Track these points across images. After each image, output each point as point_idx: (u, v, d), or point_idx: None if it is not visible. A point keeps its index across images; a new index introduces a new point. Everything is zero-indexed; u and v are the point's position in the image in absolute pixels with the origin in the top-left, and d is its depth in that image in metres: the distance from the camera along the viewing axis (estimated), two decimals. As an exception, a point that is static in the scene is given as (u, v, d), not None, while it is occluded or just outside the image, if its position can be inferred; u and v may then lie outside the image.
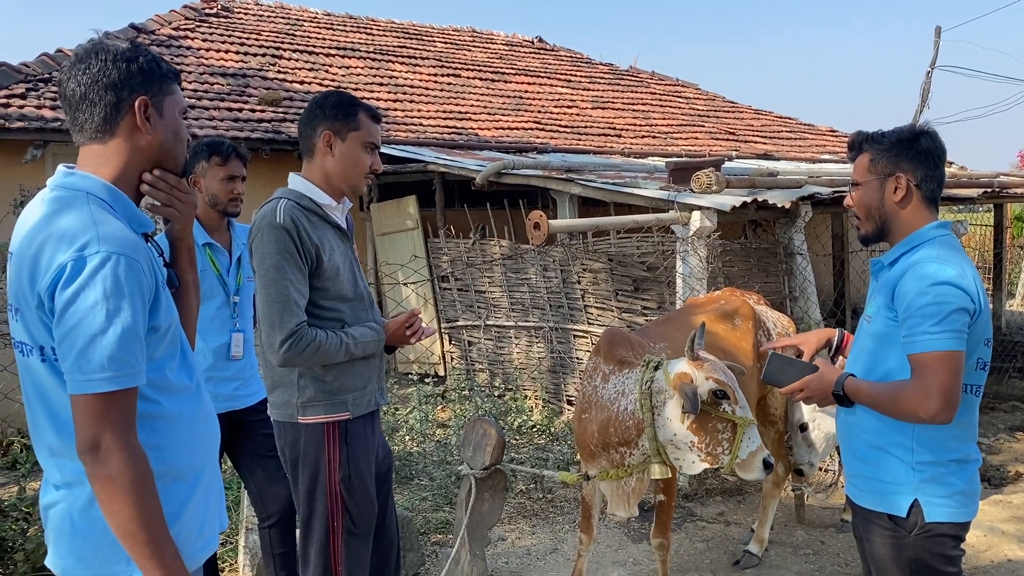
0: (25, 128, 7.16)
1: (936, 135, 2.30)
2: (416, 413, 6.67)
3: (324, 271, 2.61)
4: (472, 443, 4.02)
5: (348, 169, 2.68)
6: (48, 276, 1.60)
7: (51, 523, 1.76)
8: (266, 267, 2.54)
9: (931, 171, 2.26)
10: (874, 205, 2.31)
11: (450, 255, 8.43)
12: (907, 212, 2.28)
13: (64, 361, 1.60)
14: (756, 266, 6.86)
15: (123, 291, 1.61)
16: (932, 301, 2.10)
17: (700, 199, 5.74)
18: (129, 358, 1.61)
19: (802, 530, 4.77)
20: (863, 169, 2.34)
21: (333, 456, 2.66)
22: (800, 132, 14.73)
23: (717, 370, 3.13)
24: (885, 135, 2.32)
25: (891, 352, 2.23)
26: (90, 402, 1.59)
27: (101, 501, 1.62)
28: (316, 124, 2.67)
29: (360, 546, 2.76)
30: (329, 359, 2.60)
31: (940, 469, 2.20)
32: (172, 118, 1.82)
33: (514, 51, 14.73)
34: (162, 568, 1.63)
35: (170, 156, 1.83)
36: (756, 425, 3.11)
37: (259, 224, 2.59)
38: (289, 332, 2.52)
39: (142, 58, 1.77)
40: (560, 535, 4.78)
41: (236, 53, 10.61)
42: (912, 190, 2.27)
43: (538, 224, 5.13)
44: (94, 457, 1.60)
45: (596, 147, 10.97)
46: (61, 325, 1.59)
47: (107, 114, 1.74)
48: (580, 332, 7.26)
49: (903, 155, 2.26)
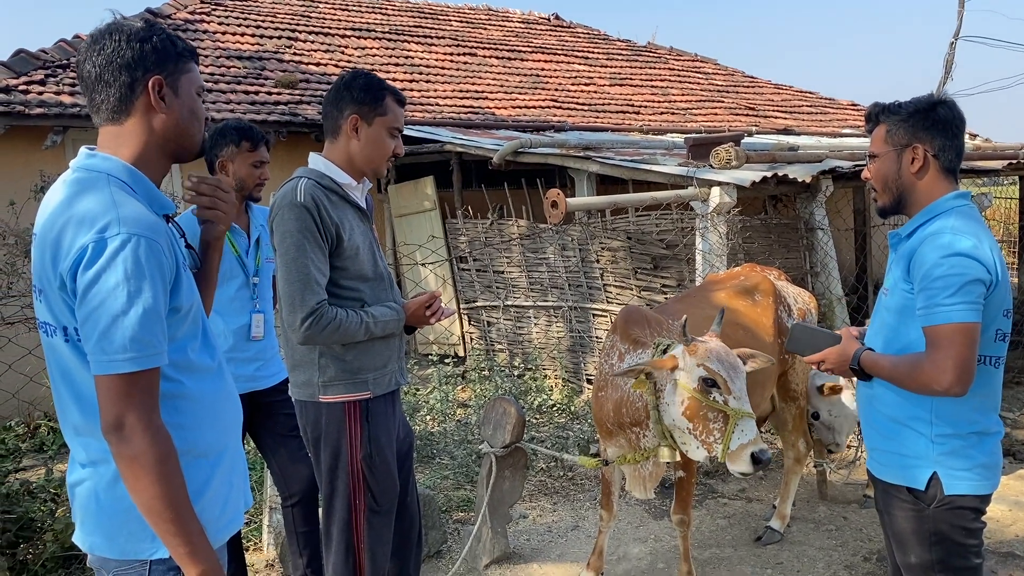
0: (44, 114, 7.21)
1: (954, 104, 2.26)
2: (437, 393, 6.70)
3: (344, 250, 2.62)
4: (492, 422, 4.04)
5: (372, 153, 2.69)
6: (70, 258, 1.61)
7: (78, 501, 1.78)
8: (287, 245, 2.55)
9: (949, 141, 2.23)
10: (891, 177, 2.28)
11: (468, 235, 8.42)
12: (924, 183, 2.25)
13: (87, 342, 1.62)
14: (777, 242, 6.81)
15: (144, 272, 1.62)
16: (947, 272, 2.07)
17: (719, 175, 5.69)
18: (151, 338, 1.62)
19: (824, 506, 4.76)
20: (880, 140, 2.31)
21: (354, 435, 2.68)
22: (821, 106, 14.55)
23: (711, 357, 3.07)
24: (902, 106, 2.28)
25: (910, 325, 2.21)
26: (113, 382, 1.61)
27: (126, 480, 1.64)
28: (343, 106, 2.66)
29: (382, 524, 2.78)
30: (349, 338, 2.61)
31: (959, 442, 2.19)
32: (188, 97, 1.81)
33: (530, 29, 14.62)
34: (187, 545, 1.65)
35: (186, 135, 1.82)
36: (752, 418, 3.03)
37: (279, 203, 2.60)
38: (310, 310, 2.52)
39: (156, 37, 1.76)
40: (581, 512, 4.79)
41: (252, 36, 10.61)
42: (929, 160, 2.23)
43: (555, 202, 5.11)
44: (118, 437, 1.61)
45: (614, 124, 10.89)
46: (83, 306, 1.61)
47: (122, 95, 1.74)
48: (599, 311, 7.24)
49: (920, 125, 2.23)
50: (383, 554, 2.80)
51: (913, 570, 2.28)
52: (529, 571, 4.08)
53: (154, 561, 1.73)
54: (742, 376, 3.09)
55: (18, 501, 3.69)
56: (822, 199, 6.48)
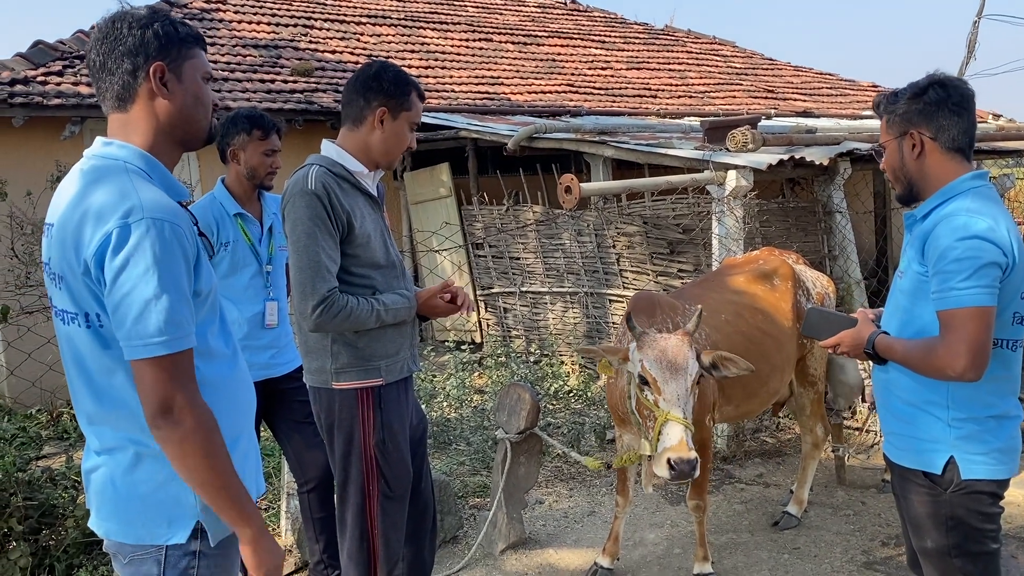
0: (63, 105, 7.27)
1: (947, 83, 2.20)
2: (453, 379, 6.71)
3: (355, 238, 2.62)
4: (507, 408, 4.04)
5: (392, 146, 2.71)
6: (94, 244, 1.61)
7: (93, 487, 1.80)
8: (298, 233, 2.56)
9: (946, 120, 2.18)
10: (897, 166, 2.27)
11: (484, 222, 8.41)
12: (930, 167, 2.22)
13: (120, 329, 1.62)
14: (794, 225, 6.75)
15: (171, 256, 1.63)
16: (962, 255, 2.04)
17: (736, 158, 5.64)
18: (183, 320, 1.64)
19: (842, 491, 4.73)
20: (884, 131, 2.31)
21: (367, 421, 2.69)
22: (841, 88, 14.38)
23: (648, 355, 3.03)
24: (898, 94, 2.26)
25: (924, 308, 2.18)
26: (154, 366, 1.62)
27: (177, 460, 1.67)
28: (371, 97, 2.67)
29: (396, 510, 2.79)
30: (360, 325, 2.61)
31: (976, 426, 2.16)
32: (192, 83, 1.81)
33: (546, 13, 14.53)
34: (241, 509, 1.71)
35: (191, 121, 1.82)
36: (679, 423, 2.95)
37: (291, 191, 2.61)
38: (321, 297, 2.53)
39: (158, 23, 1.76)
40: (597, 498, 4.79)
41: (268, 24, 10.61)
42: (927, 144, 2.20)
43: (569, 188, 5.09)
44: (168, 420, 1.63)
45: (631, 109, 10.82)
46: (114, 294, 1.61)
47: (125, 82, 1.75)
48: (615, 296, 7.22)
49: (913, 110, 2.21)
50: (397, 540, 2.82)
51: (930, 555, 2.27)
52: (545, 556, 4.09)
53: (170, 546, 1.74)
54: (680, 379, 3.01)
55: (40, 488, 3.73)
56: (840, 182, 6.42)
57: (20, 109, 7.15)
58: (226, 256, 3.34)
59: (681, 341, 3.08)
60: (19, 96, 7.13)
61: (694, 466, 2.92)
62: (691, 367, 3.05)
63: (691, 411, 3.05)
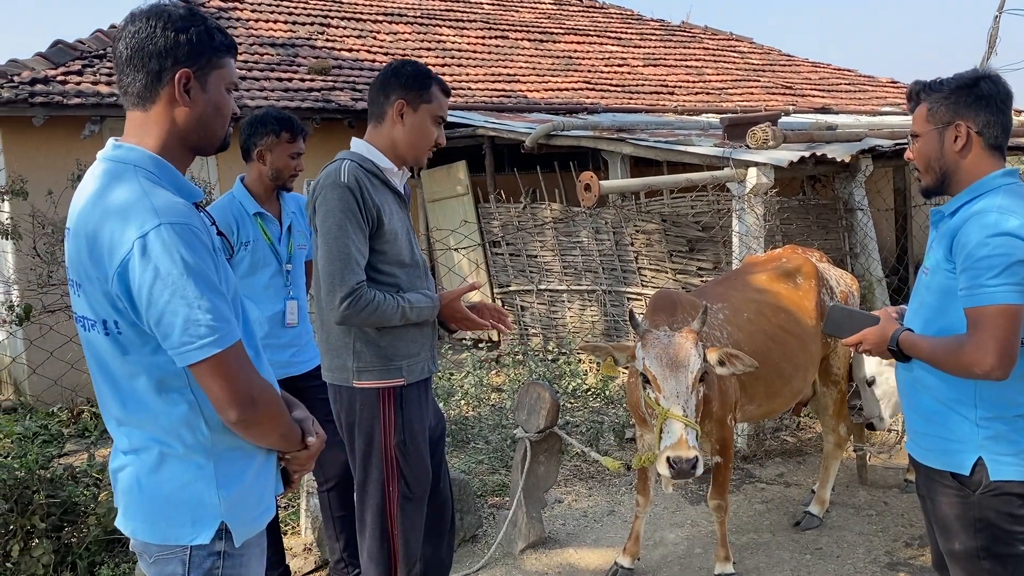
0: (82, 104, 7.30)
1: (999, 79, 2.18)
2: (471, 378, 6.70)
3: (384, 234, 2.62)
4: (526, 407, 4.02)
5: (416, 140, 2.71)
6: (117, 255, 1.60)
7: (120, 486, 1.80)
8: (328, 225, 2.55)
9: (993, 116, 2.15)
10: (934, 156, 2.22)
11: (501, 219, 8.39)
12: (969, 161, 2.18)
13: (169, 338, 1.61)
14: (815, 223, 6.70)
15: (198, 255, 1.62)
16: (992, 252, 2.01)
17: (756, 155, 5.60)
18: (227, 315, 1.65)
19: (865, 491, 4.68)
20: (921, 119, 2.24)
21: (388, 421, 2.68)
22: (860, 84, 14.26)
23: (649, 353, 3.04)
24: (944, 82, 2.21)
25: (951, 306, 2.15)
26: (214, 366, 1.63)
27: (258, 440, 1.77)
28: (390, 91, 2.68)
29: (415, 510, 2.79)
30: (385, 321, 2.61)
31: (1004, 425, 2.13)
32: (216, 93, 1.78)
33: (563, 10, 14.49)
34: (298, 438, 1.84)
35: (208, 130, 1.79)
36: (680, 421, 2.95)
37: (323, 183, 2.61)
38: (350, 289, 2.53)
39: (194, 28, 1.72)
40: (617, 497, 4.77)
41: (284, 23, 10.63)
42: (973, 138, 2.16)
43: (589, 185, 5.06)
44: (244, 413, 1.66)
45: (648, 106, 10.77)
46: (152, 308, 1.60)
47: (148, 81, 1.72)
48: (634, 295, 7.19)
49: (962, 102, 2.16)
50: (416, 540, 2.82)
51: (958, 557, 2.23)
52: (565, 556, 4.07)
53: (195, 547, 1.74)
54: (680, 377, 3.00)
55: (62, 486, 3.75)
56: (861, 179, 6.36)
57: (40, 108, 7.19)
58: (246, 255, 3.35)
59: (684, 339, 3.07)
60: (39, 96, 7.17)
61: (694, 464, 2.91)
62: (693, 364, 3.03)
63: (693, 409, 3.03)
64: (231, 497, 1.75)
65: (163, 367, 1.67)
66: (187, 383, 1.69)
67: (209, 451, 1.73)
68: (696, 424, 3.03)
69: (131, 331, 1.66)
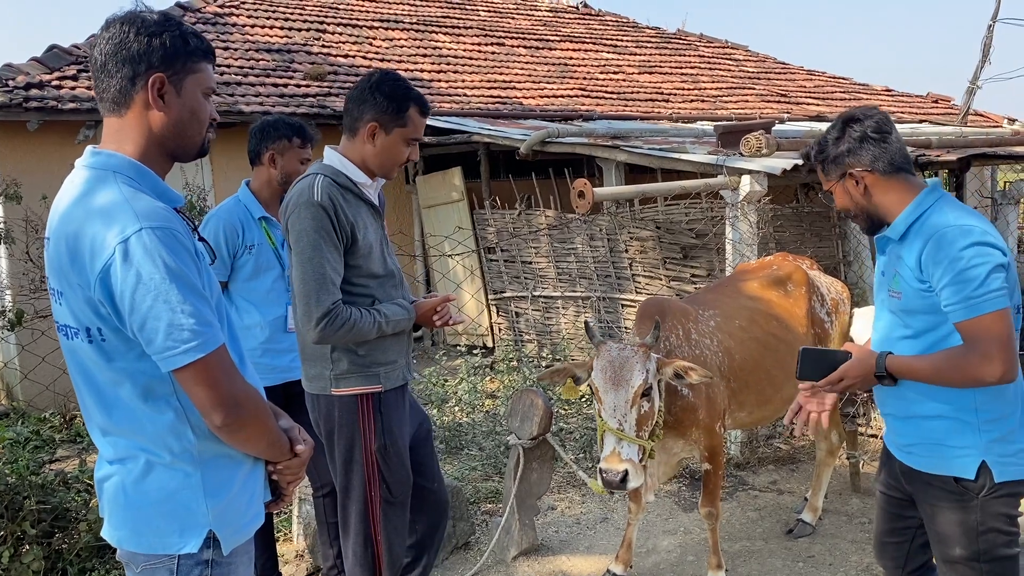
0: (77, 109, 7.30)
1: (859, 116, 2.28)
2: (465, 384, 6.70)
3: (358, 249, 2.63)
4: (519, 413, 4.03)
5: (385, 160, 2.71)
6: (99, 260, 1.59)
7: (106, 496, 1.79)
8: (302, 245, 2.56)
9: (874, 150, 2.24)
10: (852, 205, 2.34)
11: (496, 226, 8.40)
12: (879, 197, 2.27)
13: (151, 344, 1.61)
14: (808, 231, 6.72)
15: (179, 259, 1.62)
16: (968, 264, 2.06)
17: (750, 163, 5.61)
18: (210, 319, 1.65)
19: (857, 498, 4.69)
20: (824, 179, 2.37)
21: (368, 426, 2.71)
22: (855, 92, 14.31)
23: (596, 366, 3.09)
24: (821, 142, 2.34)
25: (932, 323, 2.18)
26: (198, 371, 1.62)
27: (242, 446, 1.76)
28: (365, 109, 2.66)
29: (397, 515, 2.81)
30: (362, 337, 2.64)
31: (1006, 426, 2.16)
32: (191, 98, 1.76)
33: (558, 17, 14.53)
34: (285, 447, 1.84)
35: (184, 136, 1.77)
36: (616, 436, 3.01)
37: (296, 200, 2.61)
38: (325, 310, 2.54)
39: (168, 33, 1.71)
40: (610, 504, 4.77)
41: (281, 28, 10.65)
42: (867, 177, 2.26)
43: (583, 192, 5.07)
44: (227, 417, 1.66)
45: (643, 113, 10.80)
46: (136, 311, 1.59)
47: (122, 87, 1.71)
48: (628, 301, 7.20)
49: (841, 152, 2.28)
50: (400, 543, 2.85)
51: (956, 563, 2.24)
52: (557, 563, 4.07)
53: (182, 556, 1.73)
54: (620, 392, 3.03)
55: (53, 492, 3.73)
56: (855, 187, 6.37)
57: (35, 113, 7.19)
58: (250, 259, 3.36)
59: (632, 353, 3.09)
60: (34, 100, 7.17)
61: (623, 477, 2.98)
62: (634, 380, 3.05)
63: (633, 424, 3.06)
64: (219, 505, 1.74)
65: (148, 374, 1.67)
66: (173, 390, 1.69)
67: (196, 459, 1.72)
68: (636, 438, 3.05)
69: (115, 337, 1.65)
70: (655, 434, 3.19)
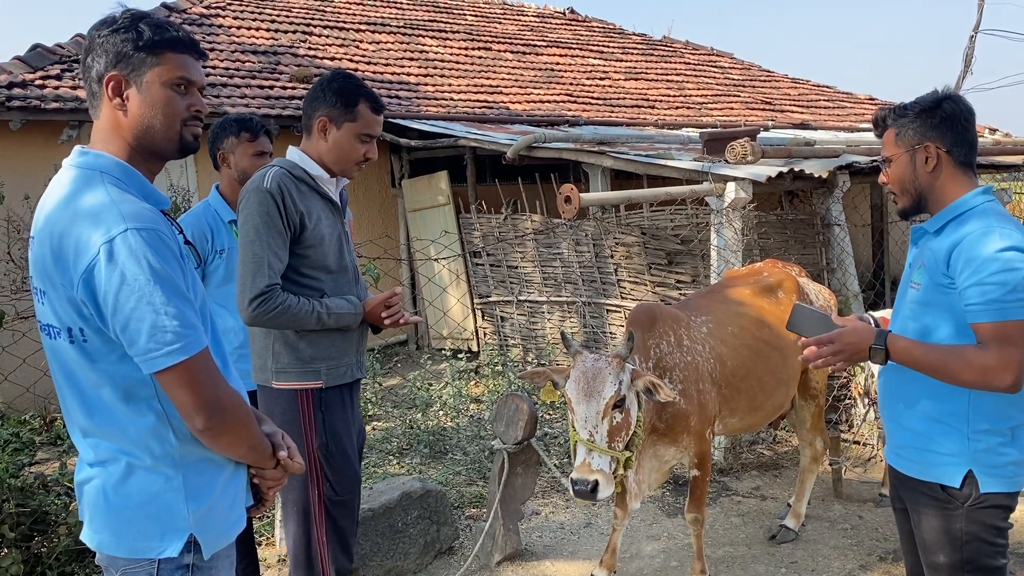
0: (60, 109, 7.23)
1: (959, 98, 2.23)
2: (449, 388, 6.68)
3: (307, 238, 2.64)
4: (504, 418, 4.02)
5: (339, 156, 2.72)
6: (83, 260, 1.58)
7: (86, 499, 1.77)
8: (246, 229, 2.59)
9: (959, 135, 2.20)
10: (908, 178, 2.26)
11: (482, 230, 8.40)
12: (942, 181, 2.22)
13: (134, 346, 1.60)
14: (793, 238, 6.75)
15: (164, 261, 1.61)
16: (1003, 268, 2.03)
17: (735, 170, 5.64)
18: (193, 321, 1.63)
19: (840, 504, 4.71)
20: (891, 144, 2.29)
21: (308, 423, 2.69)
22: (838, 101, 14.42)
23: (570, 376, 3.10)
24: (908, 106, 2.26)
25: (943, 320, 2.16)
26: (180, 374, 1.61)
27: (224, 450, 1.74)
28: (316, 106, 2.71)
29: (344, 514, 2.78)
30: (299, 324, 2.62)
31: (997, 438, 2.14)
32: (153, 92, 1.71)
33: (545, 23, 14.56)
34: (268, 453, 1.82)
35: (154, 133, 1.73)
36: (586, 446, 3.02)
37: (247, 188, 2.65)
38: (259, 291, 2.55)
39: (123, 32, 1.69)
40: (594, 510, 4.76)
41: (267, 30, 10.61)
42: (943, 157, 2.21)
43: (569, 197, 5.08)
44: (209, 421, 1.64)
45: (629, 119, 10.83)
46: (119, 312, 1.58)
47: (92, 89, 1.72)
48: (613, 307, 7.21)
49: (927, 123, 2.21)
50: (348, 543, 2.81)
51: (940, 570, 2.24)
52: (541, 568, 4.06)
53: (162, 560, 1.72)
54: (591, 403, 3.04)
55: (33, 495, 3.68)
56: (839, 195, 6.42)
57: (17, 112, 7.12)
58: (221, 264, 3.32)
59: (605, 364, 3.09)
60: (17, 99, 7.10)
61: (593, 488, 2.97)
62: (606, 391, 3.04)
63: (604, 435, 3.05)
64: (200, 509, 1.73)
65: (130, 376, 1.65)
66: (154, 393, 1.67)
67: (177, 462, 1.71)
68: (607, 449, 3.04)
69: (97, 338, 1.64)
70: (633, 444, 3.19)
